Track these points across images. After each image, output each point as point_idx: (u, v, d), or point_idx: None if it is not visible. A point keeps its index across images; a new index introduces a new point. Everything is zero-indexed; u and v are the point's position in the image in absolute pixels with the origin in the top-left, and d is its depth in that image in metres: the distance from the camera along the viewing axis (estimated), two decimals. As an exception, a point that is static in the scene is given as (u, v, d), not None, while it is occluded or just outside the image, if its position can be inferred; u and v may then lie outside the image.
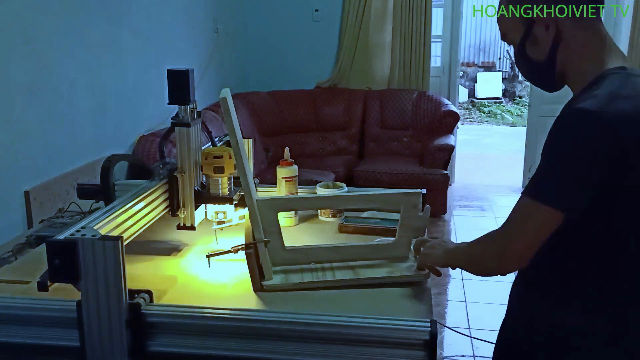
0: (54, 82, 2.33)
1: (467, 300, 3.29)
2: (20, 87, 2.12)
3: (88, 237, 1.07)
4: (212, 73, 4.16)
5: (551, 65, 1.13)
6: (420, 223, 1.43)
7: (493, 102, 10.46)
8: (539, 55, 1.14)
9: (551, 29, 1.10)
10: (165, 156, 1.60)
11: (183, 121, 1.49)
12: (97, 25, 2.63)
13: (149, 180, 1.50)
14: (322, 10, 4.90)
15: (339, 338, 1.07)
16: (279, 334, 1.08)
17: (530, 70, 1.19)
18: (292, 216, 1.73)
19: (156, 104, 3.15)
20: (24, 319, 1.12)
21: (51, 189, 2.25)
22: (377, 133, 4.77)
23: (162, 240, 1.60)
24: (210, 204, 1.56)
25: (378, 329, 1.06)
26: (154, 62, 3.18)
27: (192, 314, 1.11)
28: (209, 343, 1.09)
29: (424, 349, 1.04)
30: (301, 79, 4.91)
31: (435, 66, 5.14)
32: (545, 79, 1.18)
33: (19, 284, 1.31)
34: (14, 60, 2.09)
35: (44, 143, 2.26)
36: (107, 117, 2.75)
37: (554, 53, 1.12)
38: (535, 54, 1.14)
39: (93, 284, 1.05)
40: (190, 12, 3.79)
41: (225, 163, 1.51)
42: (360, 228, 1.67)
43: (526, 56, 1.16)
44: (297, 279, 1.33)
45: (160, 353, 1.10)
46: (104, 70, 2.71)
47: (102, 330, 1.07)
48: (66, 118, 2.41)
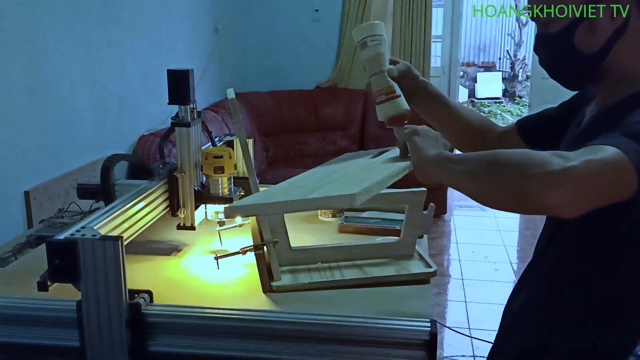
0: (54, 82, 2.32)
1: (467, 300, 3.29)
2: (20, 87, 2.12)
3: (88, 237, 1.07)
4: (212, 73, 4.16)
5: (598, 60, 0.96)
6: (425, 221, 1.44)
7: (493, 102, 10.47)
8: (587, 45, 0.96)
9: (618, 17, 0.92)
10: (165, 156, 1.60)
11: (183, 121, 1.50)
12: (97, 25, 2.63)
13: (149, 180, 1.50)
14: (322, 10, 4.90)
15: (339, 338, 1.07)
16: (279, 334, 1.08)
17: (563, 58, 1.00)
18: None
19: (156, 104, 3.14)
20: (24, 319, 1.12)
21: (51, 189, 2.25)
22: (377, 133, 4.77)
23: (162, 240, 1.60)
24: (210, 204, 1.56)
25: (378, 329, 1.06)
26: (154, 62, 3.18)
27: (192, 314, 1.11)
28: (209, 343, 1.09)
29: (424, 349, 1.04)
30: (301, 79, 4.91)
31: (435, 66, 5.14)
32: (578, 73, 1.01)
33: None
34: (14, 61, 2.09)
35: (44, 143, 2.26)
36: (107, 117, 2.75)
37: (609, 47, 0.95)
38: (583, 42, 0.96)
39: (93, 284, 1.05)
40: (190, 12, 3.79)
41: (225, 163, 1.51)
42: (361, 228, 1.67)
43: (569, 42, 0.96)
44: (306, 279, 1.33)
45: (160, 353, 1.10)
46: (104, 70, 2.71)
47: (102, 330, 1.07)
48: (66, 118, 2.41)
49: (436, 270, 1.37)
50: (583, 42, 0.96)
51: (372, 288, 1.33)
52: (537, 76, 5.29)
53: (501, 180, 0.82)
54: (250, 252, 1.33)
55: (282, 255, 1.36)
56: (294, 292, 1.30)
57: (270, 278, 1.32)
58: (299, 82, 4.89)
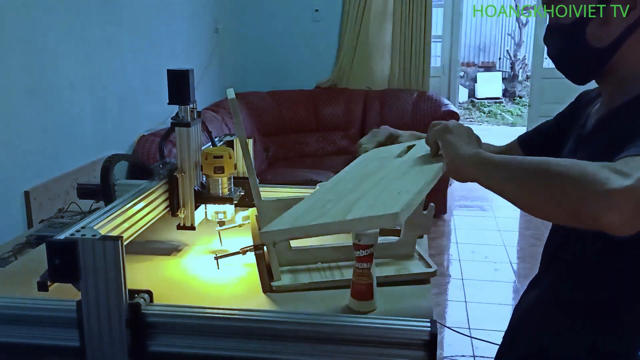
0: (54, 82, 2.33)
1: (467, 300, 3.29)
2: (20, 87, 2.12)
3: (88, 237, 1.07)
4: (212, 73, 4.16)
5: (607, 56, 0.96)
6: (424, 221, 1.44)
7: (493, 102, 10.47)
8: (598, 39, 0.95)
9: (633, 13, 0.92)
10: (165, 156, 1.60)
11: (183, 121, 1.50)
12: (97, 25, 2.63)
13: (149, 180, 1.50)
14: (322, 10, 4.90)
15: (339, 338, 1.07)
16: (278, 334, 1.08)
17: (573, 50, 0.99)
18: None
19: (156, 104, 3.15)
20: (24, 319, 1.12)
21: (51, 189, 2.25)
22: (377, 133, 4.77)
23: (162, 240, 1.60)
24: (210, 204, 1.56)
25: (378, 329, 1.06)
26: (154, 62, 3.18)
27: (192, 314, 1.11)
28: (209, 343, 1.09)
29: (424, 349, 1.04)
30: (301, 79, 4.91)
31: (435, 66, 5.15)
32: (585, 67, 1.00)
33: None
34: (14, 60, 2.09)
35: (44, 143, 2.26)
36: (107, 117, 2.75)
37: (620, 42, 0.94)
38: (595, 35, 0.95)
39: (93, 284, 1.05)
40: (190, 12, 3.79)
41: (225, 163, 1.51)
42: (360, 228, 1.67)
43: (582, 34, 0.96)
44: (306, 279, 1.33)
45: (160, 353, 1.10)
46: (104, 70, 2.71)
47: (102, 330, 1.07)
48: (66, 118, 2.41)
49: (436, 270, 1.37)
50: (595, 35, 0.95)
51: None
52: (537, 76, 5.29)
53: (554, 194, 0.77)
54: (250, 252, 1.34)
55: (282, 255, 1.36)
56: (294, 292, 1.30)
57: (270, 278, 1.32)
58: (299, 82, 4.90)
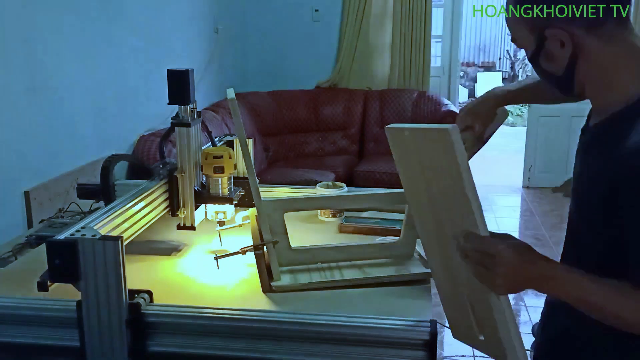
0: (54, 82, 2.32)
1: (467, 300, 3.29)
2: (20, 87, 2.12)
3: (88, 237, 1.07)
4: (212, 73, 4.16)
5: (569, 79, 1.04)
6: None
7: (493, 102, 10.46)
8: (554, 69, 1.04)
9: (567, 46, 0.99)
10: (165, 156, 1.60)
11: (183, 121, 1.50)
12: (97, 25, 2.63)
13: (149, 180, 1.50)
14: (322, 10, 4.90)
15: (339, 338, 1.07)
16: (278, 334, 1.08)
17: (546, 78, 1.10)
18: None
19: (156, 104, 3.14)
20: (24, 319, 1.12)
21: (51, 189, 2.25)
22: (377, 133, 4.77)
23: (162, 240, 1.60)
24: (210, 204, 1.56)
25: (378, 329, 1.06)
26: (154, 62, 3.18)
27: (192, 314, 1.11)
28: (209, 343, 1.09)
29: (424, 349, 1.05)
30: (301, 79, 4.91)
31: (435, 66, 5.15)
32: (563, 88, 1.08)
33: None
34: (14, 60, 2.09)
35: (44, 143, 2.26)
36: (107, 117, 2.75)
37: (572, 69, 1.02)
38: (549, 67, 1.05)
39: (93, 284, 1.05)
40: (190, 12, 3.79)
41: (225, 163, 1.51)
42: (360, 228, 1.67)
43: (537, 65, 1.07)
44: (305, 279, 1.33)
45: (160, 353, 1.10)
46: (104, 70, 2.71)
47: (102, 330, 1.07)
48: (66, 118, 2.41)
49: None
50: (549, 67, 1.05)
51: (372, 288, 1.33)
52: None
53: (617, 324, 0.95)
54: (250, 252, 1.34)
55: (282, 255, 1.36)
56: (294, 292, 1.30)
57: (270, 278, 1.32)
58: (299, 82, 4.89)
